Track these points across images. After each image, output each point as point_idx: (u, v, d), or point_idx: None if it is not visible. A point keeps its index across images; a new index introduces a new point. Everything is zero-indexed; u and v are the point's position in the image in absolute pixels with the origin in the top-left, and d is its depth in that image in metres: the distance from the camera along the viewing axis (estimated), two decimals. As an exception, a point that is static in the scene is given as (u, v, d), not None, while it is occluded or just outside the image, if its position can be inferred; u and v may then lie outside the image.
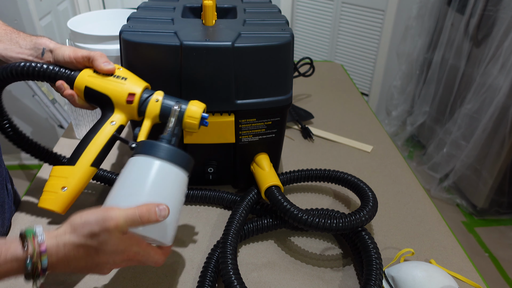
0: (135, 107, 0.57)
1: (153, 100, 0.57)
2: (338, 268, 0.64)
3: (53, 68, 0.58)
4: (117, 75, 0.58)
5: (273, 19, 0.71)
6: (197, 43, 0.61)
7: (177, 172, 0.51)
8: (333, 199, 0.79)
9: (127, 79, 0.58)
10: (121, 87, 0.57)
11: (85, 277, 0.61)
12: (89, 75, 0.58)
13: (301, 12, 2.57)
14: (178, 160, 0.51)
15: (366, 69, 2.46)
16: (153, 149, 0.51)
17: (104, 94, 0.57)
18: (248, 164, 0.74)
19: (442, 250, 0.68)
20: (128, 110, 0.57)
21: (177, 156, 0.51)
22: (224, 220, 0.70)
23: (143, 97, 0.57)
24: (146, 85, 0.59)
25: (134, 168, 0.51)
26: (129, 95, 0.56)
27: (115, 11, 1.06)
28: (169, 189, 0.51)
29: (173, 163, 0.51)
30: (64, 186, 0.57)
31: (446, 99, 2.02)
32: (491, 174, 1.75)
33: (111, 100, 0.57)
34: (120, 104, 0.57)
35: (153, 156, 0.50)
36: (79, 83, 0.58)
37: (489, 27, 1.70)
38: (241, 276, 0.55)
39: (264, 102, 0.66)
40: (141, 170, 0.50)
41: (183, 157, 0.52)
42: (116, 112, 0.57)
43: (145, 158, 0.51)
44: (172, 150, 0.51)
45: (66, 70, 0.59)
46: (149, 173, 0.50)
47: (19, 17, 1.70)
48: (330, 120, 1.05)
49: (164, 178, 0.50)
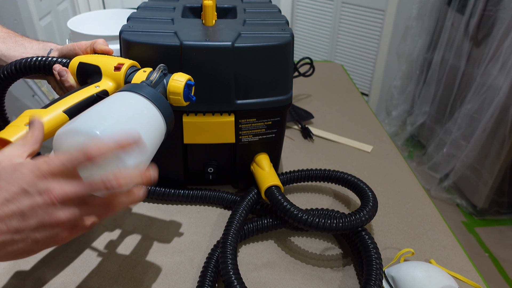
0: (122, 74, 0.57)
1: (140, 71, 0.57)
2: (338, 268, 0.64)
3: (52, 58, 0.60)
4: (112, 55, 0.61)
5: (273, 19, 0.71)
6: (197, 43, 0.61)
7: (158, 115, 0.48)
8: (333, 199, 0.79)
9: (120, 58, 0.60)
10: (111, 59, 0.59)
11: (85, 277, 0.61)
12: (85, 55, 0.60)
13: (301, 12, 2.57)
14: (160, 104, 0.49)
15: (366, 69, 2.46)
16: (136, 87, 0.49)
17: (95, 64, 0.58)
18: (248, 164, 0.74)
19: (442, 250, 0.68)
20: (114, 78, 0.58)
21: (160, 100, 0.49)
22: (224, 220, 0.70)
23: (131, 69, 0.58)
24: (135, 63, 0.60)
25: (110, 98, 0.48)
26: (118, 64, 0.58)
27: (115, 11, 1.06)
28: (144, 124, 0.46)
29: (155, 105, 0.48)
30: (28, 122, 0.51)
31: (446, 99, 2.02)
32: (491, 174, 1.75)
33: (100, 70, 0.58)
34: (108, 72, 0.58)
35: (135, 92, 0.48)
36: (73, 63, 0.60)
37: (489, 27, 1.70)
38: (241, 276, 0.55)
39: (264, 102, 0.66)
40: (117, 98, 0.47)
41: (166, 105, 0.50)
42: (104, 78, 0.58)
43: (126, 92, 0.48)
44: (156, 94, 0.49)
45: (64, 59, 0.61)
46: (127, 102, 0.46)
47: (19, 17, 1.70)
48: (330, 120, 1.05)
49: (142, 113, 0.47)
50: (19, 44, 0.64)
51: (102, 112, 0.45)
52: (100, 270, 0.62)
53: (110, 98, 0.49)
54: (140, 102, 0.48)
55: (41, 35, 1.80)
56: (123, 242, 0.67)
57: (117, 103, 0.47)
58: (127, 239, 0.68)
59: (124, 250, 0.66)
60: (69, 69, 0.60)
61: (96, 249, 0.66)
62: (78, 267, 0.63)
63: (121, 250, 0.66)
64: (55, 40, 1.96)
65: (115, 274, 0.62)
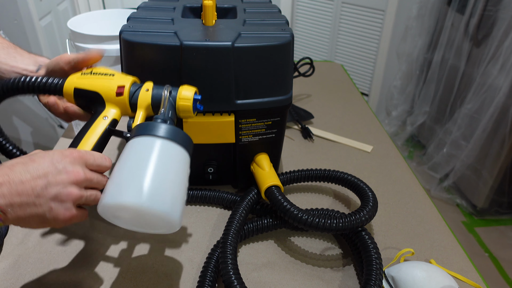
0: (126, 99, 0.55)
1: (143, 90, 0.55)
2: (338, 268, 0.64)
3: (42, 79, 0.56)
4: (105, 73, 0.57)
5: (273, 19, 0.71)
6: (197, 43, 0.61)
7: (180, 150, 0.49)
8: (333, 199, 0.79)
9: (115, 75, 0.57)
10: (109, 82, 0.56)
11: (85, 277, 0.61)
12: (77, 77, 0.56)
13: (301, 12, 2.57)
14: (178, 138, 0.49)
15: (366, 69, 2.46)
16: (152, 129, 0.49)
17: (93, 91, 0.56)
18: (248, 164, 0.74)
19: (442, 250, 0.68)
20: (119, 104, 0.56)
21: (177, 134, 0.49)
22: (224, 220, 0.70)
23: (132, 90, 0.56)
24: (134, 78, 0.57)
25: (133, 149, 0.48)
26: (118, 88, 0.55)
27: (115, 11, 1.06)
28: (174, 167, 0.48)
29: (174, 141, 0.49)
30: None
31: (446, 99, 2.02)
32: (491, 174, 1.75)
33: (101, 96, 0.56)
34: (111, 98, 0.55)
35: (152, 135, 0.48)
36: (68, 87, 0.56)
37: (489, 27, 1.70)
38: (241, 276, 0.55)
39: (264, 102, 0.66)
40: (142, 150, 0.47)
41: (184, 136, 0.50)
42: (107, 107, 0.56)
43: (144, 138, 0.48)
44: (171, 129, 0.49)
45: (54, 79, 0.57)
46: (150, 151, 0.47)
47: (19, 17, 1.70)
48: (330, 120, 1.05)
49: (167, 156, 0.48)
50: (11, 56, 0.62)
51: (139, 176, 0.45)
52: (100, 270, 0.62)
53: (134, 152, 0.48)
54: (164, 146, 0.48)
55: (41, 35, 1.80)
56: (123, 242, 0.67)
57: (144, 157, 0.47)
58: (127, 239, 0.68)
59: (124, 250, 0.66)
60: (65, 96, 0.57)
61: (96, 249, 0.66)
62: (78, 267, 0.63)
63: (121, 250, 0.66)
64: (55, 40, 1.96)
65: (115, 274, 0.62)
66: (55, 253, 0.65)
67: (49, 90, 0.56)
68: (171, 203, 0.46)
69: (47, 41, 1.87)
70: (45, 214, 0.44)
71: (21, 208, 0.42)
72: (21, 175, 0.42)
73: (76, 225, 0.70)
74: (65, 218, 0.45)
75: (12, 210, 0.42)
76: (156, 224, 0.48)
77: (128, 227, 0.50)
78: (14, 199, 0.41)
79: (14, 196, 0.41)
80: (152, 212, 0.44)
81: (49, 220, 0.44)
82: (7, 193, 0.41)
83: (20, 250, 0.65)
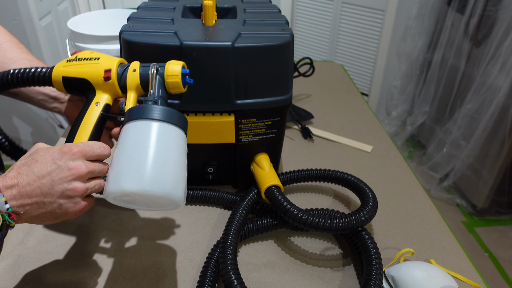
0: (114, 82, 0.55)
1: (130, 71, 0.55)
2: (338, 268, 0.64)
3: (29, 70, 0.56)
4: (90, 57, 0.56)
5: (273, 19, 0.71)
6: (197, 43, 0.61)
7: (174, 129, 0.50)
8: (333, 199, 0.79)
9: (100, 58, 0.56)
10: (95, 66, 0.55)
11: (85, 277, 0.61)
12: (64, 65, 0.56)
13: (301, 12, 2.57)
14: (171, 118, 0.50)
15: (366, 69, 2.46)
16: (145, 112, 0.49)
17: (82, 78, 0.55)
18: (248, 164, 0.74)
19: (442, 250, 0.68)
20: (109, 88, 0.55)
21: (169, 114, 0.49)
22: (224, 220, 0.70)
23: (119, 72, 0.55)
24: (120, 60, 0.57)
25: (129, 135, 0.48)
26: (105, 72, 0.55)
27: (115, 11, 1.06)
28: (172, 148, 0.49)
29: (167, 122, 0.49)
30: None
31: (446, 99, 2.02)
32: (491, 174, 1.75)
33: (90, 82, 0.55)
34: (99, 84, 0.55)
35: (146, 118, 0.48)
36: (56, 76, 0.56)
37: (489, 27, 1.70)
38: (241, 276, 0.55)
39: (264, 102, 0.66)
40: (138, 135, 0.48)
41: (176, 115, 0.50)
42: (98, 93, 0.56)
43: (139, 122, 0.48)
44: (163, 109, 0.49)
45: (42, 69, 0.57)
46: (147, 136, 0.47)
47: (19, 17, 1.70)
48: (330, 120, 1.05)
49: (162, 138, 0.48)
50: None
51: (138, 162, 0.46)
52: (100, 270, 0.62)
53: (130, 138, 0.48)
54: (158, 127, 0.48)
55: (41, 35, 1.80)
56: (123, 242, 0.67)
57: (140, 142, 0.47)
58: (127, 239, 0.68)
59: (124, 250, 0.66)
60: (54, 85, 0.57)
61: (96, 249, 0.66)
62: (78, 267, 0.63)
63: (121, 250, 0.66)
64: (55, 40, 1.96)
65: (115, 274, 0.62)
66: (55, 253, 0.65)
67: (38, 81, 0.56)
68: (173, 183, 0.47)
69: (47, 41, 1.87)
70: (55, 210, 0.46)
71: (32, 208, 0.45)
72: (27, 177, 0.44)
73: (76, 225, 0.70)
74: (75, 211, 0.47)
75: (24, 210, 0.44)
76: (162, 203, 0.49)
77: (137, 208, 0.52)
78: (24, 200, 0.44)
79: (24, 198, 0.44)
80: (155, 194, 0.46)
81: (60, 215, 0.47)
82: (17, 195, 0.44)
83: (20, 250, 0.65)
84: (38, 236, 0.68)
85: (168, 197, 0.46)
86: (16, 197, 0.44)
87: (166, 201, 0.48)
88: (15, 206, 0.44)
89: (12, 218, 0.43)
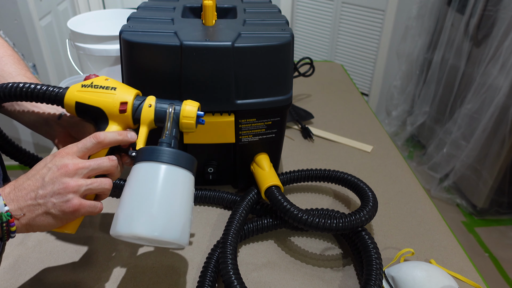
0: (129, 115, 0.55)
1: (146, 105, 0.55)
2: (338, 268, 0.64)
3: (41, 87, 0.55)
4: (106, 86, 0.56)
5: (273, 19, 0.71)
6: (197, 43, 0.60)
7: (184, 173, 0.51)
8: (333, 199, 0.79)
9: (117, 88, 0.56)
10: (111, 97, 0.55)
11: (85, 277, 0.61)
12: (78, 90, 0.56)
13: (301, 12, 2.57)
14: (182, 161, 0.51)
15: (366, 69, 2.46)
16: (156, 154, 0.51)
17: (96, 107, 0.55)
18: (248, 164, 0.74)
19: (442, 250, 0.68)
20: (122, 120, 0.56)
21: (180, 158, 0.51)
22: (224, 220, 0.70)
23: (135, 104, 0.56)
24: (136, 92, 0.57)
25: (140, 176, 0.50)
26: (121, 104, 0.55)
27: (115, 11, 1.06)
28: (179, 191, 0.51)
29: (178, 165, 0.51)
30: None
31: (446, 99, 2.02)
32: (491, 174, 1.75)
33: (104, 112, 0.55)
34: (114, 115, 0.55)
35: (156, 161, 0.50)
36: (69, 99, 0.55)
37: (489, 27, 1.70)
38: (241, 276, 0.55)
39: (264, 102, 0.66)
40: (148, 177, 0.50)
41: (187, 158, 0.52)
42: (110, 124, 0.56)
43: (149, 164, 0.51)
44: (174, 153, 0.51)
45: (54, 88, 0.56)
46: (156, 179, 0.49)
47: (19, 17, 1.70)
48: (330, 120, 1.05)
49: (172, 181, 0.50)
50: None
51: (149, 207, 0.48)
52: (100, 270, 0.62)
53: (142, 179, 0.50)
54: (169, 172, 0.50)
55: (41, 35, 1.80)
56: (123, 242, 0.67)
57: (152, 186, 0.49)
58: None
59: (124, 250, 0.66)
60: (65, 107, 0.56)
61: (96, 249, 0.66)
62: (78, 267, 0.63)
63: (121, 250, 0.66)
64: (55, 40, 1.96)
65: (115, 274, 0.62)
66: (55, 253, 0.65)
67: (49, 99, 0.56)
68: (181, 230, 0.49)
69: (47, 41, 1.87)
70: (50, 210, 0.47)
71: (29, 210, 0.46)
72: (22, 182, 0.47)
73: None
74: (72, 209, 0.47)
75: (21, 213, 0.46)
76: (167, 244, 0.52)
77: (140, 243, 0.55)
78: (21, 203, 0.46)
79: (20, 201, 0.46)
80: (164, 240, 0.48)
81: (58, 216, 0.47)
82: (14, 198, 0.46)
83: (20, 250, 0.65)
84: (38, 236, 0.68)
85: (176, 242, 0.49)
86: (14, 200, 0.46)
87: (172, 244, 0.51)
88: (13, 209, 0.46)
89: (11, 221, 0.45)
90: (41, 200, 0.46)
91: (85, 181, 0.48)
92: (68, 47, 1.00)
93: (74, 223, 0.53)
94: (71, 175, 0.47)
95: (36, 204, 0.46)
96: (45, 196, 0.46)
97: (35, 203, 0.46)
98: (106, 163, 0.50)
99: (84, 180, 0.48)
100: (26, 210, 0.46)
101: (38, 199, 0.46)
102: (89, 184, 0.49)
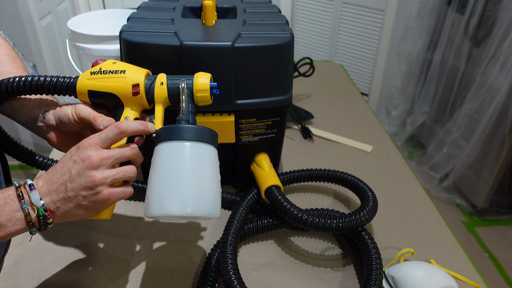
0: (143, 97, 0.55)
1: (157, 84, 0.55)
2: (338, 268, 0.64)
3: (51, 79, 0.55)
4: (115, 70, 0.56)
5: (273, 19, 0.71)
6: (197, 43, 0.61)
7: (207, 148, 0.51)
8: (333, 199, 0.79)
9: (126, 71, 0.56)
10: (122, 81, 0.55)
11: (85, 277, 0.61)
12: (88, 78, 0.56)
13: (301, 12, 2.57)
14: (204, 137, 0.51)
15: (366, 69, 2.46)
16: (177, 133, 0.50)
17: (109, 93, 0.55)
18: (248, 164, 0.74)
19: (442, 250, 0.68)
20: (137, 102, 0.55)
21: (202, 133, 0.51)
22: (224, 220, 0.70)
23: (147, 85, 0.55)
24: (146, 71, 0.57)
25: (165, 157, 0.50)
26: (133, 87, 0.54)
27: (115, 11, 1.06)
28: (205, 167, 0.51)
29: (200, 141, 0.51)
30: None
31: (446, 99, 2.02)
32: (491, 174, 1.75)
33: (118, 97, 0.55)
34: (127, 98, 0.55)
35: (178, 139, 0.50)
36: (81, 89, 0.56)
37: (489, 27, 1.70)
38: (241, 276, 0.55)
39: (264, 102, 0.66)
40: (173, 157, 0.50)
41: (208, 133, 0.52)
42: (126, 107, 0.56)
43: (172, 143, 0.50)
44: (195, 129, 0.51)
45: (64, 79, 0.56)
46: (182, 157, 0.50)
47: (19, 17, 1.70)
48: (330, 120, 1.05)
49: (197, 158, 0.50)
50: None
51: (180, 185, 0.49)
52: (100, 270, 0.62)
53: (168, 160, 0.50)
54: (194, 149, 0.50)
55: (41, 35, 1.80)
56: (123, 242, 0.67)
57: (179, 165, 0.50)
58: (127, 239, 0.68)
59: (124, 250, 0.66)
60: (79, 96, 0.56)
61: (96, 249, 0.66)
62: (78, 267, 0.63)
63: (121, 250, 0.66)
64: (55, 40, 1.96)
65: (115, 274, 0.62)
66: (55, 253, 0.65)
67: (61, 91, 0.56)
68: (212, 203, 0.50)
69: (47, 41, 1.87)
70: (82, 203, 0.48)
71: (62, 204, 0.47)
72: (52, 175, 0.48)
73: (76, 225, 0.70)
74: (102, 199, 0.48)
75: (55, 206, 0.47)
76: (200, 218, 0.52)
77: (172, 221, 0.56)
78: (53, 196, 0.47)
79: (53, 194, 0.47)
80: (197, 215, 0.49)
81: (90, 207, 0.48)
82: (47, 192, 0.47)
83: (20, 250, 0.65)
84: (38, 236, 0.68)
85: (208, 216, 0.50)
86: (47, 194, 0.47)
87: (205, 218, 0.51)
88: (48, 202, 0.47)
89: (48, 214, 0.46)
90: (72, 193, 0.47)
91: (110, 171, 0.48)
92: (68, 47, 1.00)
93: (109, 210, 0.54)
94: (96, 167, 0.48)
95: (67, 197, 0.47)
96: (74, 189, 0.47)
97: (66, 196, 0.47)
98: (128, 152, 0.51)
99: (110, 171, 0.48)
100: (60, 204, 0.47)
101: (68, 192, 0.47)
102: (115, 175, 0.49)
